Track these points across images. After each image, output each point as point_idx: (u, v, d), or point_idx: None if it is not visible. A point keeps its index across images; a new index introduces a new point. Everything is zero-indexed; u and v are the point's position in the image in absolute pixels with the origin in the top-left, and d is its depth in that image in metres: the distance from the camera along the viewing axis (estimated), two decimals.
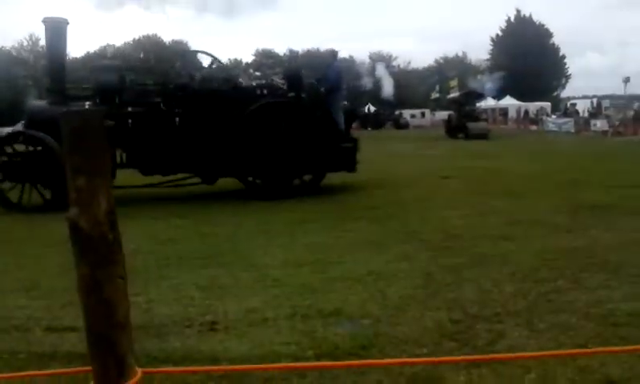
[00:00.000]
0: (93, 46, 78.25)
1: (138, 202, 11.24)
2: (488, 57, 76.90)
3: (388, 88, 57.61)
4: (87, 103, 11.58)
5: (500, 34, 74.71)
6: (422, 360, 3.64)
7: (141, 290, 5.05)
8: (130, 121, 11.36)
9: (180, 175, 11.94)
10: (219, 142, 11.36)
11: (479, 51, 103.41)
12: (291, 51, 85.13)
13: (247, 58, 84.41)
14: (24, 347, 3.93)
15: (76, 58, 65.19)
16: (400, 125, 58.66)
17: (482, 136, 31.79)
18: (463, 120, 34.17)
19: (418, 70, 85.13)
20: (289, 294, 4.94)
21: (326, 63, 14.44)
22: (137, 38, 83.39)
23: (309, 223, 8.50)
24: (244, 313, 4.47)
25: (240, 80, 13.29)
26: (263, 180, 11.65)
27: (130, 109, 11.45)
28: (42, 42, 74.81)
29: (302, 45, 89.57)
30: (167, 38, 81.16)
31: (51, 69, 12.15)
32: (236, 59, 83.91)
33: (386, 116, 60.28)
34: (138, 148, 11.42)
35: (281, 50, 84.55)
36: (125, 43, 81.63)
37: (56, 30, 11.82)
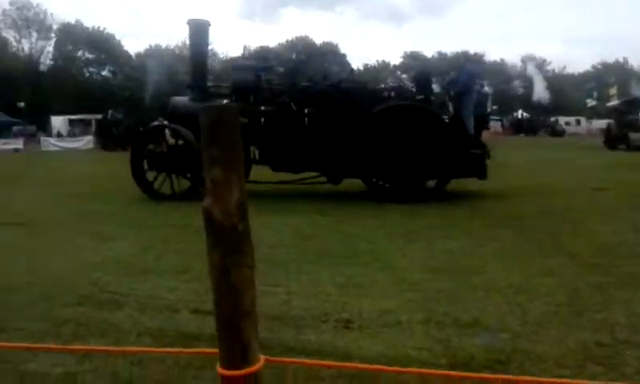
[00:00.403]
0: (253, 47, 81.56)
1: (282, 197, 11.67)
2: None
3: (540, 89, 55.39)
4: (224, 101, 12.16)
5: None
6: (564, 381, 3.46)
7: (281, 281, 5.24)
8: (262, 119, 11.80)
9: (308, 174, 12.22)
10: (345, 143, 11.49)
11: None
12: (440, 54, 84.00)
13: (395, 60, 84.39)
14: (172, 326, 4.21)
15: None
16: (555, 132, 55.91)
17: None
18: (624, 130, 31.84)
19: (574, 76, 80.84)
20: (425, 299, 4.89)
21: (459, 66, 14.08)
22: (290, 39, 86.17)
23: (450, 229, 8.36)
24: (379, 313, 4.49)
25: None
26: (387, 183, 11.62)
27: (263, 107, 11.87)
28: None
29: (451, 47, 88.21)
30: (319, 39, 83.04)
31: (193, 67, 13.01)
32: (384, 61, 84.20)
33: (540, 122, 57.63)
34: (270, 145, 11.84)
35: (429, 52, 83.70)
36: (279, 44, 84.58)
37: (198, 30, 12.70)
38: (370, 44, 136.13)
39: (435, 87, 12.34)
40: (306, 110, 11.82)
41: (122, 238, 7.73)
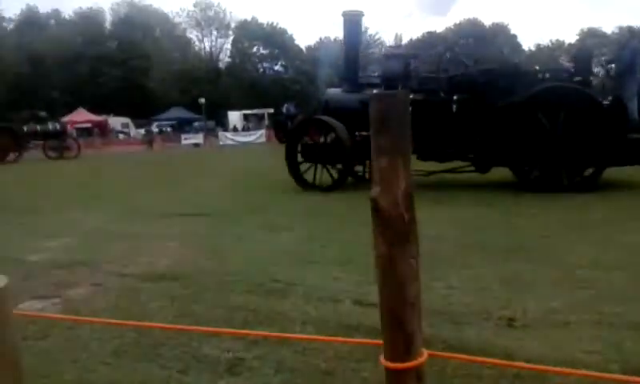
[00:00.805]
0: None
1: (443, 187, 11.56)
2: None
3: None
4: (374, 90, 12.17)
5: None
6: None
7: (441, 275, 5.19)
8: (411, 108, 11.59)
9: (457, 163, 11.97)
10: (494, 129, 11.05)
11: None
12: (621, 29, 77.83)
13: (571, 38, 79.50)
14: (333, 317, 4.34)
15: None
16: None
17: None
18: None
19: None
20: (596, 298, 4.60)
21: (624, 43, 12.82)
22: (458, 22, 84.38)
23: (627, 221, 7.77)
24: (544, 312, 4.31)
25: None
26: (539, 172, 10.94)
27: (411, 96, 11.53)
28: (370, 32, 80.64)
29: (634, 21, 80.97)
30: (489, 21, 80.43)
31: (346, 58, 13.19)
32: (558, 40, 79.75)
33: None
34: (416, 134, 11.62)
35: (609, 28, 77.80)
36: (446, 28, 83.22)
37: (352, 22, 12.87)
38: (545, 22, 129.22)
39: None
40: (455, 97, 11.58)
41: (289, 229, 8.07)
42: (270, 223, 8.49)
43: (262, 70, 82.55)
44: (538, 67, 12.83)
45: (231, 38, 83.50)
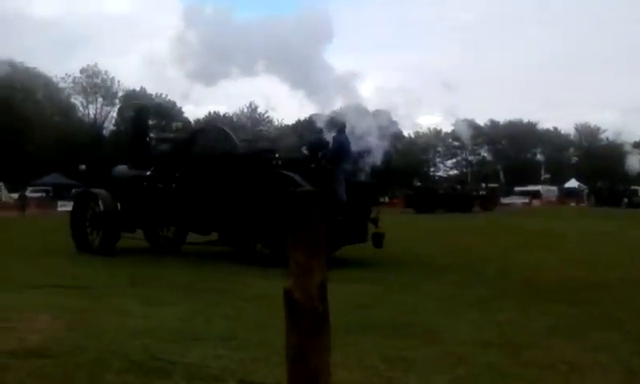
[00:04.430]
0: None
1: (331, 265, 11.69)
2: None
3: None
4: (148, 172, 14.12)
5: None
6: None
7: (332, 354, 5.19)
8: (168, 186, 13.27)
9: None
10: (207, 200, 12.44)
11: None
12: (492, 121, 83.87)
13: (447, 127, 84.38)
14: None
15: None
16: (633, 203, 50.68)
17: None
18: None
19: (629, 144, 79.22)
20: (474, 375, 4.77)
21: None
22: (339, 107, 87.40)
23: (501, 300, 8.18)
24: None
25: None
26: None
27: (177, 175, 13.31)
28: (259, 110, 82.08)
29: (503, 115, 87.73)
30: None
31: (132, 140, 15.42)
32: (435, 129, 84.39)
33: (622, 192, 54.07)
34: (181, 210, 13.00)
35: (482, 120, 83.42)
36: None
37: (138, 110, 15.88)
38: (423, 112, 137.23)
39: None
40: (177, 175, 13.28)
41: (172, 303, 7.82)
42: (151, 297, 8.20)
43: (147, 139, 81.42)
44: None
45: (117, 106, 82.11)
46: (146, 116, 16.07)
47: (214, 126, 27.88)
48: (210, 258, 12.57)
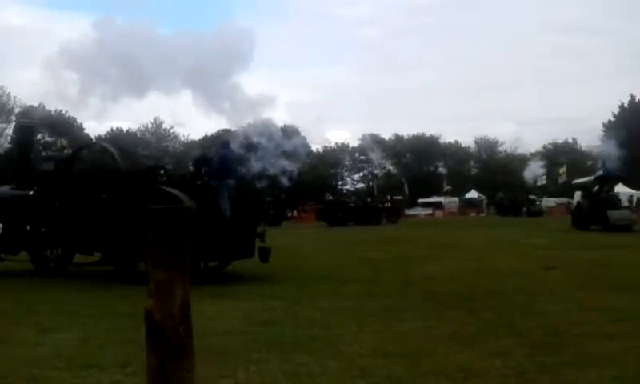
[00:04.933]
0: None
1: (232, 280, 11.61)
2: (599, 144, 73.90)
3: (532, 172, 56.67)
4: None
5: (612, 120, 72.11)
6: None
7: (229, 372, 5.13)
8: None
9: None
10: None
11: (590, 137, 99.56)
12: (397, 136, 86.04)
13: (354, 142, 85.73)
14: None
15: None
16: (531, 212, 52.68)
17: (626, 228, 26.56)
18: (601, 208, 28.02)
19: (525, 156, 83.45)
20: None
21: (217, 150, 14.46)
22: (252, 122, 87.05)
23: (403, 311, 8.36)
24: None
25: None
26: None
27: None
28: (165, 125, 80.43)
29: (407, 130, 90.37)
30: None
31: (17, 160, 15.09)
32: (342, 143, 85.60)
33: (521, 201, 55.88)
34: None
35: (387, 135, 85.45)
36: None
37: (22, 130, 15.42)
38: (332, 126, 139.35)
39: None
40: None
41: (66, 329, 7.46)
42: (42, 323, 7.74)
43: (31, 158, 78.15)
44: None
45: (13, 123, 78.33)
46: (29, 134, 15.49)
47: (96, 143, 27.17)
48: (102, 279, 12.10)
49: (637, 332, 6.80)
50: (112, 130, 79.50)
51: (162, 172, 12.41)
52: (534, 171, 60.70)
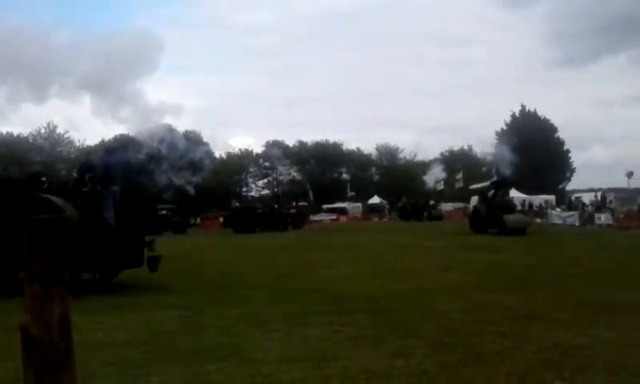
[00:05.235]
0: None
1: (139, 290, 11.27)
2: (493, 150, 77.31)
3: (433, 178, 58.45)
4: None
5: (505, 128, 75.69)
6: None
7: None
8: None
9: None
10: None
11: (484, 145, 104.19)
12: (301, 143, 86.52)
13: (258, 148, 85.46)
14: None
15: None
16: (432, 216, 53.45)
17: (520, 231, 27.61)
18: (497, 212, 29.04)
19: (424, 162, 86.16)
20: None
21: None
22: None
23: (308, 316, 8.39)
24: None
25: None
26: None
27: None
28: (58, 130, 76.98)
29: (311, 137, 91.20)
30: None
31: None
32: (246, 149, 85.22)
33: (423, 206, 57.31)
34: None
35: (291, 141, 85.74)
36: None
37: None
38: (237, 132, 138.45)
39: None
40: None
41: None
42: None
43: None
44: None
45: None
46: None
47: None
48: None
49: (528, 329, 7.16)
50: (1, 134, 75.63)
51: (44, 179, 11.78)
52: (436, 175, 62.62)
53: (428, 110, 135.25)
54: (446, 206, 61.70)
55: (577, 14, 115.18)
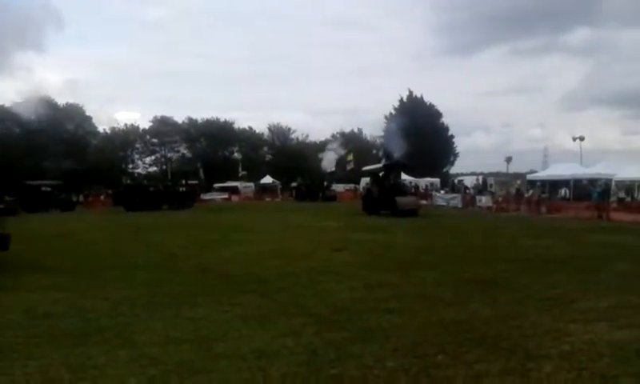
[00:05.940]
0: None
1: (17, 272, 10.63)
2: (382, 133, 79.25)
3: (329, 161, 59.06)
4: None
5: (393, 112, 77.66)
6: None
7: (5, 370, 4.70)
8: None
9: None
10: None
11: (374, 128, 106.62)
12: (190, 119, 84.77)
13: (145, 124, 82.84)
14: None
15: None
16: (326, 197, 53.81)
17: (412, 212, 28.10)
18: (390, 194, 29.18)
19: (316, 144, 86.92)
20: (166, 374, 4.72)
21: None
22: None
23: (197, 296, 8.26)
24: None
25: None
26: None
27: None
28: None
29: (201, 114, 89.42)
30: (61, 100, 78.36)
31: None
32: (132, 125, 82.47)
33: (317, 187, 57.69)
34: None
35: (180, 118, 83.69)
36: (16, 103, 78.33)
37: None
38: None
39: None
40: None
41: None
42: None
43: None
44: None
45: None
46: None
47: None
48: None
49: (414, 306, 7.41)
50: None
51: None
52: (335, 156, 63.39)
53: (320, 92, 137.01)
54: (337, 187, 62.62)
55: (463, 6, 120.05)
